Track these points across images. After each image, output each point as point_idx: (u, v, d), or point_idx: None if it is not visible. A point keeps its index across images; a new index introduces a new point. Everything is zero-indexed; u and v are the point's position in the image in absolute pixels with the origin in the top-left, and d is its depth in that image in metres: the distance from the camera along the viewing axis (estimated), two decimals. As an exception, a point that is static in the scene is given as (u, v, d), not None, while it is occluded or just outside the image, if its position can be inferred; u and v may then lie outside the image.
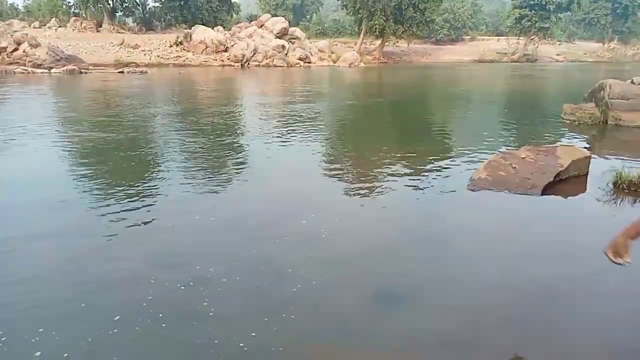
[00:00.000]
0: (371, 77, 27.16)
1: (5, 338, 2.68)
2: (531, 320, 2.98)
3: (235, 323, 2.88)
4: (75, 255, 3.74)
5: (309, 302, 3.13)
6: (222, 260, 3.68)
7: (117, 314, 2.91)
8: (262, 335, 2.74)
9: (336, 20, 61.80)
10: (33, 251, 3.80)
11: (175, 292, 3.19)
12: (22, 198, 5.08)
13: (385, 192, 5.54)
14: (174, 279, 3.35)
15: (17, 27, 33.74)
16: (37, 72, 23.06)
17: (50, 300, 3.10)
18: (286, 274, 3.47)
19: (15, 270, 3.49)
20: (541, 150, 6.42)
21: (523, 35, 53.37)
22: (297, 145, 8.01)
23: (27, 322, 2.83)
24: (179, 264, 3.62)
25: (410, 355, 2.66)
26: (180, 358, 2.58)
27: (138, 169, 6.48)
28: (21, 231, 4.18)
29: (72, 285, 3.30)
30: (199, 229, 4.33)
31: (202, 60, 32.51)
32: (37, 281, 3.33)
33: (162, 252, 3.85)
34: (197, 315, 2.93)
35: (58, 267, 3.55)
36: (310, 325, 2.89)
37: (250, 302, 3.11)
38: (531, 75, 30.16)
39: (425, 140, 8.94)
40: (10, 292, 3.18)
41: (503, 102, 16.90)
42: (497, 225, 4.61)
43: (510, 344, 2.76)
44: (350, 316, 2.99)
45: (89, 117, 10.70)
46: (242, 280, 3.36)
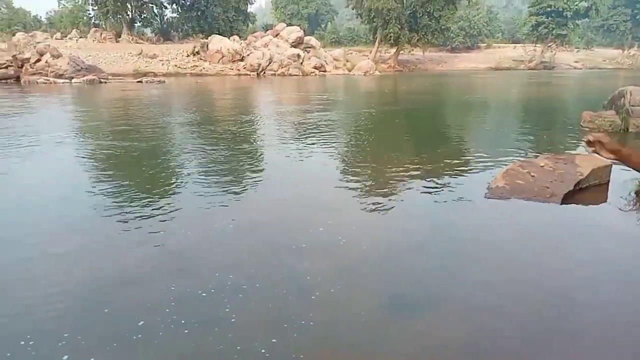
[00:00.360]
0: (386, 85, 27.18)
1: (33, 342, 2.76)
2: (549, 331, 2.95)
3: (255, 329, 2.91)
4: (95, 262, 3.82)
5: (328, 309, 3.15)
6: (242, 267, 3.72)
7: (141, 319, 2.97)
8: (282, 341, 2.77)
9: (351, 28, 62.08)
10: (51, 259, 3.90)
11: (197, 298, 3.24)
12: (43, 205, 5.22)
13: (401, 200, 5.54)
14: (194, 285, 3.41)
15: (40, 39, 34.68)
16: (58, 82, 23.63)
17: (73, 305, 3.18)
18: (305, 281, 3.50)
19: (38, 275, 3.58)
20: (560, 159, 6.36)
21: (540, 42, 52.89)
22: (314, 153, 8.06)
23: (53, 327, 2.91)
24: (199, 271, 3.67)
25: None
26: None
27: (157, 177, 6.59)
28: (42, 238, 4.29)
29: (95, 290, 3.37)
30: (219, 236, 4.38)
31: (218, 70, 32.94)
32: (58, 287, 3.41)
33: (181, 259, 3.90)
34: (218, 321, 2.98)
35: (78, 273, 3.63)
36: (328, 332, 2.91)
37: (270, 308, 3.14)
38: (549, 82, 29.85)
39: (442, 148, 8.92)
40: (34, 296, 3.26)
41: (520, 109, 16.75)
42: (516, 235, 4.57)
43: (528, 354, 2.74)
44: (368, 324, 3.00)
45: (109, 126, 10.92)
46: (261, 287, 3.40)
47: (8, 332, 2.86)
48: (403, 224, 4.88)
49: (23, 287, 3.41)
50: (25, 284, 3.44)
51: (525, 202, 5.29)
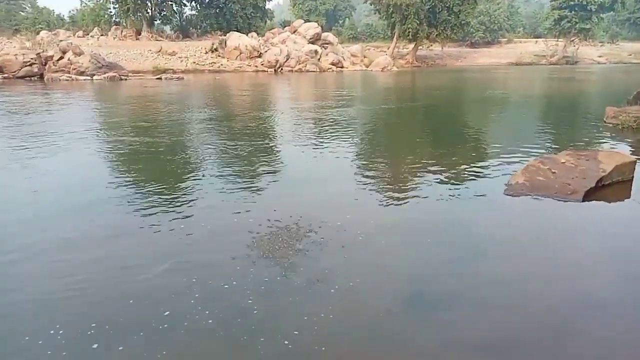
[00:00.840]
0: (404, 81, 27.01)
1: (62, 331, 2.87)
2: (568, 330, 2.94)
3: (278, 321, 2.98)
4: (120, 256, 3.94)
5: (347, 303, 3.19)
6: (263, 260, 3.79)
7: (167, 309, 3.06)
8: (304, 333, 2.83)
9: (369, 24, 61.75)
10: (72, 252, 4.03)
11: (220, 291, 3.33)
12: (67, 199, 5.38)
13: (420, 196, 5.54)
14: (217, 278, 3.50)
15: (62, 37, 35.41)
16: (80, 79, 24.11)
17: (98, 296, 3.29)
18: (324, 274, 3.55)
19: (62, 269, 3.71)
20: (582, 155, 6.27)
21: (562, 36, 51.78)
22: (332, 149, 8.09)
23: (81, 318, 3.02)
24: (221, 265, 3.76)
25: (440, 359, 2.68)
26: (229, 352, 2.70)
27: (177, 172, 6.71)
28: (67, 233, 4.43)
29: (120, 283, 3.48)
30: (239, 231, 4.45)
31: (236, 66, 33.16)
32: (82, 279, 3.53)
33: (202, 252, 4.00)
34: (242, 313, 3.06)
35: (102, 267, 3.75)
36: (347, 325, 2.96)
37: (291, 301, 3.21)
38: (571, 77, 29.26)
39: (461, 144, 8.85)
40: (59, 289, 3.39)
41: (541, 105, 16.49)
42: (535, 232, 4.53)
43: (546, 352, 2.74)
44: (385, 319, 3.05)
45: (130, 122, 11.13)
46: (282, 281, 3.47)
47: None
48: (420, 220, 4.88)
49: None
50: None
51: (545, 199, 5.24)
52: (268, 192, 5.71)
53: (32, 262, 3.80)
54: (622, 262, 3.86)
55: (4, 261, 3.82)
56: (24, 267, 3.72)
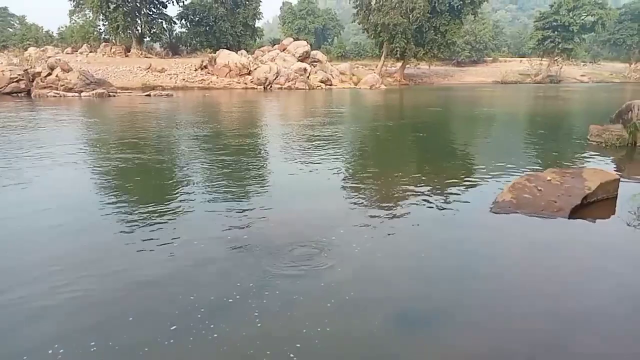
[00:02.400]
0: (392, 99, 27.29)
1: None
2: (554, 347, 2.92)
3: (277, 333, 3.01)
4: (98, 279, 3.85)
5: (336, 320, 3.15)
6: (258, 275, 3.77)
7: (172, 323, 3.10)
8: (305, 347, 2.85)
9: (357, 43, 62.64)
10: (61, 271, 3.93)
11: (220, 302, 3.37)
12: (51, 217, 5.27)
13: (407, 215, 5.53)
14: (214, 293, 3.51)
15: (51, 53, 35.33)
16: (68, 95, 23.97)
17: (104, 304, 3.20)
18: (315, 290, 3.51)
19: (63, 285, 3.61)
20: (567, 173, 6.33)
21: (546, 56, 53.07)
22: (321, 166, 8.08)
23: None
24: (215, 280, 3.74)
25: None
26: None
27: (165, 190, 6.63)
28: (50, 252, 4.33)
29: (126, 297, 3.39)
30: (231, 247, 4.38)
31: (226, 83, 33.30)
32: (79, 295, 3.44)
33: (195, 267, 3.93)
34: (243, 325, 3.07)
35: (98, 279, 3.66)
36: (336, 342, 2.91)
37: (288, 315, 3.21)
38: (555, 96, 29.83)
39: (448, 162, 8.91)
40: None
41: (527, 123, 16.74)
42: (522, 249, 4.53)
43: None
44: (373, 336, 3.01)
45: (119, 139, 11.03)
46: (277, 296, 3.45)
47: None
48: (408, 237, 4.86)
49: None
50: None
51: (531, 217, 5.26)
52: (259, 208, 5.63)
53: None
54: (609, 279, 3.86)
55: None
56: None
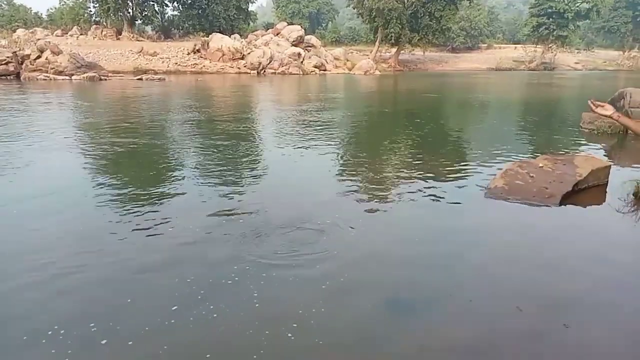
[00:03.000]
0: (387, 85, 27.19)
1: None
2: (545, 333, 2.96)
3: (274, 314, 3.09)
4: (89, 263, 3.84)
5: (327, 304, 3.17)
6: (254, 258, 3.80)
7: (174, 304, 3.15)
8: (301, 326, 2.89)
9: (352, 28, 62.12)
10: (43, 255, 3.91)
11: (218, 284, 3.42)
12: (42, 200, 5.23)
13: (399, 200, 5.55)
14: (211, 275, 3.56)
15: (40, 36, 34.66)
16: (58, 78, 23.63)
17: (103, 291, 3.20)
18: (309, 273, 3.54)
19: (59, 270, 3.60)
20: (559, 159, 6.37)
21: (541, 43, 52.98)
22: (315, 152, 8.07)
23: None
24: (212, 262, 3.76)
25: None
26: (226, 344, 2.80)
27: (157, 174, 6.60)
28: (41, 236, 4.30)
29: (120, 282, 3.39)
30: (225, 231, 4.38)
31: (219, 68, 32.95)
32: (63, 281, 3.43)
33: (190, 250, 3.94)
34: (242, 306, 3.12)
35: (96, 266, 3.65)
36: (327, 326, 2.93)
37: (283, 297, 3.26)
38: (549, 83, 29.87)
39: (441, 148, 8.93)
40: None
41: (520, 110, 16.77)
42: (514, 236, 4.57)
43: (524, 354, 2.75)
44: (364, 321, 3.05)
45: (110, 123, 10.91)
46: (273, 278, 3.49)
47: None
48: (399, 224, 4.88)
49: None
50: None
51: (523, 203, 5.30)
52: (252, 194, 5.63)
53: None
54: (598, 265, 3.91)
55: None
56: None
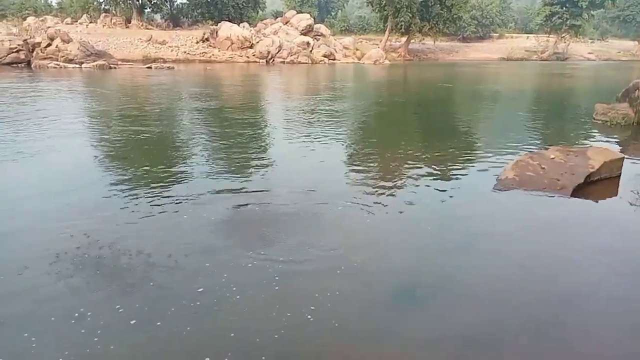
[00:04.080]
0: (396, 75, 26.97)
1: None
2: (553, 323, 2.95)
3: (293, 296, 3.15)
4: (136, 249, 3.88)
5: (332, 295, 3.18)
6: (269, 244, 3.85)
7: (199, 286, 3.24)
8: (319, 309, 2.90)
9: (361, 17, 61.48)
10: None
11: (239, 267, 3.51)
12: (52, 188, 5.28)
13: (409, 191, 5.52)
14: (231, 260, 3.63)
15: (50, 24, 34.72)
16: (68, 67, 23.71)
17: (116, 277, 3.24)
18: (317, 261, 3.55)
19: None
20: (571, 151, 6.29)
21: (553, 33, 52.04)
22: (323, 141, 8.04)
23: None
24: (229, 249, 3.81)
25: (431, 353, 2.67)
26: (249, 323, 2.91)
27: (167, 161, 6.61)
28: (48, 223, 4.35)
29: (138, 264, 3.43)
30: (236, 219, 4.40)
31: (227, 57, 32.85)
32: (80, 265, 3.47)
33: (206, 236, 3.97)
34: (263, 289, 3.18)
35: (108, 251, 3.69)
36: (334, 315, 2.94)
37: (300, 282, 3.31)
38: (561, 74, 29.43)
39: (451, 139, 8.85)
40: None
41: (532, 101, 16.56)
42: (524, 227, 4.54)
43: (531, 345, 2.75)
44: (372, 310, 3.07)
45: (122, 112, 10.96)
46: (289, 264, 3.54)
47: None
48: (409, 214, 4.86)
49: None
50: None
51: (534, 194, 5.25)
52: (260, 182, 5.63)
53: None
54: (608, 257, 3.88)
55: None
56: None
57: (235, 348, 2.66)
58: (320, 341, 2.74)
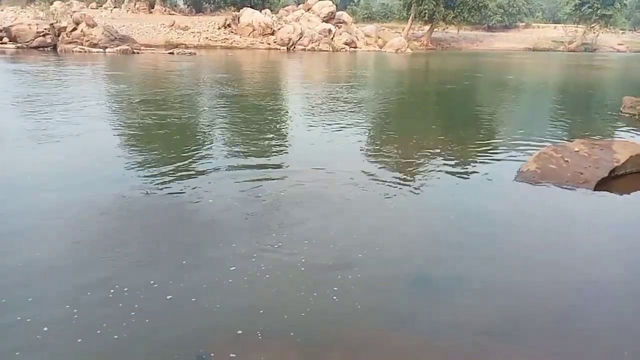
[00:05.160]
0: (418, 64, 26.62)
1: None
2: (574, 316, 2.94)
3: (318, 278, 3.24)
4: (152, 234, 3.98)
5: (351, 282, 3.21)
6: (292, 227, 3.91)
7: (230, 265, 3.38)
8: (342, 290, 2.94)
9: (384, 4, 60.57)
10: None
11: (266, 248, 3.60)
12: (74, 173, 5.42)
13: (429, 182, 5.49)
14: (256, 240, 3.74)
15: (76, 8, 35.14)
16: (92, 51, 24.04)
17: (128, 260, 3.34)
18: (335, 251, 3.57)
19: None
20: (596, 144, 6.16)
21: (582, 23, 50.45)
22: (343, 129, 8.03)
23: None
24: (253, 233, 3.85)
25: (448, 342, 2.69)
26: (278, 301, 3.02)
27: (189, 145, 6.70)
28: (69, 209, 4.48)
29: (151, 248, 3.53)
30: (252, 208, 4.46)
31: (248, 43, 32.83)
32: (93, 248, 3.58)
33: (215, 230, 4.03)
34: (289, 270, 3.30)
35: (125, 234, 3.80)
36: (353, 305, 2.97)
37: (324, 264, 3.36)
38: (589, 65, 28.63)
39: (473, 129, 8.74)
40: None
41: (557, 92, 16.19)
42: (545, 220, 4.49)
43: (551, 337, 2.74)
44: (390, 299, 3.08)
45: (144, 96, 11.11)
46: (314, 246, 3.59)
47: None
48: (429, 205, 4.86)
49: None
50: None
51: (556, 187, 5.18)
52: (279, 170, 5.67)
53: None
54: (630, 252, 3.82)
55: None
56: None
57: (264, 322, 2.77)
58: (342, 323, 2.79)
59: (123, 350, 2.51)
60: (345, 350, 2.58)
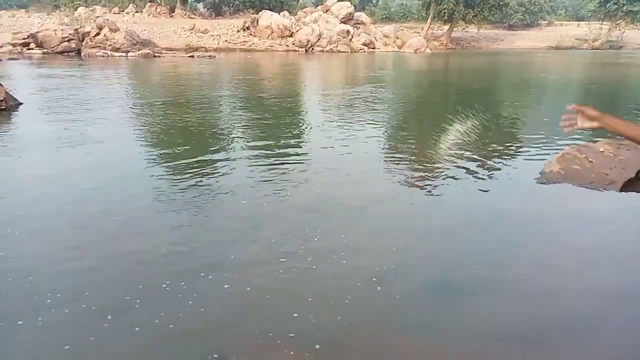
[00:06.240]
0: (437, 64, 26.39)
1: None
2: (599, 323, 2.86)
3: (356, 271, 3.30)
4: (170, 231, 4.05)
5: (372, 284, 3.20)
6: (299, 241, 3.87)
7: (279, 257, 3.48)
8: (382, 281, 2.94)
9: (403, 4, 60.24)
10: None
11: (301, 243, 3.70)
12: (97, 174, 5.55)
13: (451, 180, 5.44)
14: (293, 240, 3.79)
15: (99, 13, 36.02)
16: (115, 55, 24.56)
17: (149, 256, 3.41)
18: (356, 251, 3.58)
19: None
20: (622, 144, 5.99)
21: (607, 19, 49.24)
22: (363, 129, 8.03)
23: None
24: (256, 244, 3.85)
25: (470, 348, 2.66)
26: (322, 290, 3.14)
27: (209, 145, 6.79)
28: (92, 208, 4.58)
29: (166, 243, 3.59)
30: (270, 211, 4.49)
31: (267, 45, 33.06)
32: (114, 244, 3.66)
33: (248, 218, 4.07)
34: (329, 262, 3.38)
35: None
36: (372, 307, 2.97)
37: (326, 282, 3.29)
38: (615, 63, 27.92)
39: (494, 129, 8.62)
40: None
41: (581, 91, 15.84)
42: (568, 221, 4.41)
43: (574, 342, 2.68)
44: (412, 303, 3.05)
45: (167, 99, 11.30)
46: (316, 261, 3.53)
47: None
48: (450, 207, 4.80)
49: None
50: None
51: (580, 188, 5.07)
52: (299, 174, 5.66)
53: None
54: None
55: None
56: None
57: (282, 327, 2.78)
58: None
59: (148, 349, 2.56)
60: (363, 356, 2.57)
